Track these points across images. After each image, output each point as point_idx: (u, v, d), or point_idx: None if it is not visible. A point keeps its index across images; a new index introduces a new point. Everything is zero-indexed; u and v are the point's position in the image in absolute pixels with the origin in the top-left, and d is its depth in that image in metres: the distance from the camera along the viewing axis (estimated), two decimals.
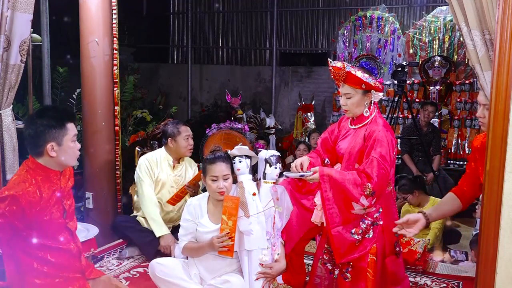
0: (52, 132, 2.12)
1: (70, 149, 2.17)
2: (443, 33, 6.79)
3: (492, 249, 1.98)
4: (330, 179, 2.54)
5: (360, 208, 2.53)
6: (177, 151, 3.62)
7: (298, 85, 8.32)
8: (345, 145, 2.73)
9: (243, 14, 9.11)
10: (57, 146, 2.12)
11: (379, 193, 2.54)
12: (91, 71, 3.81)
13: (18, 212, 2.02)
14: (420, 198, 4.05)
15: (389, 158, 2.54)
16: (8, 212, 1.99)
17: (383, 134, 2.57)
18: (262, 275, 2.59)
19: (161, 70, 9.34)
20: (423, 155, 5.34)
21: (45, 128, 2.11)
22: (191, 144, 3.67)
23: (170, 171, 3.63)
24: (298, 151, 5.47)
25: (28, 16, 3.00)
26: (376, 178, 2.48)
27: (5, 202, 2.00)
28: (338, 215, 2.55)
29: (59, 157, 2.14)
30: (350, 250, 2.57)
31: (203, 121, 7.59)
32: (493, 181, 1.97)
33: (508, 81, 1.92)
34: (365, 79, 2.60)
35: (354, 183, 2.50)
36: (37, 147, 2.13)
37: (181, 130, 3.64)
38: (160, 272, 2.67)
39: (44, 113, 2.19)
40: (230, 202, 2.55)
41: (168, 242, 3.41)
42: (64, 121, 2.15)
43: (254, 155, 2.83)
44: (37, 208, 2.08)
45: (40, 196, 2.09)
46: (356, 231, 2.56)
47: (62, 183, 2.23)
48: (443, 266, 3.57)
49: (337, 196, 2.54)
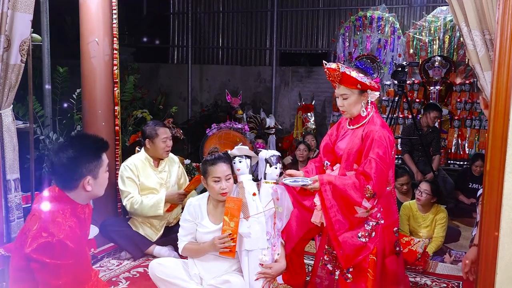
0: (89, 165, 1.93)
1: (104, 180, 2.02)
2: (443, 33, 6.79)
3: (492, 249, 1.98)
4: (331, 186, 2.53)
5: (364, 211, 2.52)
6: (154, 152, 3.59)
7: (298, 85, 8.32)
8: (344, 146, 2.73)
9: (243, 14, 9.11)
10: (92, 180, 1.95)
11: (380, 194, 2.54)
12: (91, 71, 3.81)
13: (69, 255, 1.83)
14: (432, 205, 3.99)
15: (388, 158, 2.54)
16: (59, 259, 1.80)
17: (381, 134, 2.56)
18: (262, 275, 2.59)
19: (161, 70, 9.34)
20: (423, 155, 5.34)
21: (81, 162, 1.91)
22: (169, 146, 3.61)
23: (153, 172, 3.61)
24: (298, 151, 5.46)
25: (28, 16, 3.00)
26: (375, 179, 2.48)
27: (54, 249, 1.80)
28: (343, 222, 2.55)
29: (94, 190, 1.97)
30: (358, 253, 2.57)
31: (203, 121, 7.59)
32: (493, 181, 1.97)
33: (508, 81, 1.92)
34: (360, 79, 2.59)
35: (354, 187, 2.49)
36: (71, 181, 1.92)
37: (159, 132, 3.56)
38: (160, 272, 2.66)
39: (78, 143, 1.99)
40: (232, 203, 2.54)
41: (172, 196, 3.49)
42: (100, 152, 1.99)
43: (254, 155, 2.83)
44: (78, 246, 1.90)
45: (77, 233, 1.92)
46: (363, 234, 2.57)
47: (85, 215, 2.06)
48: (443, 266, 3.57)
49: (340, 202, 2.54)
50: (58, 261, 1.80)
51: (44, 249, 1.79)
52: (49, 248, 1.79)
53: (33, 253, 1.79)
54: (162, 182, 3.60)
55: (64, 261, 1.82)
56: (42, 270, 1.81)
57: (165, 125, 3.75)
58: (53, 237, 1.80)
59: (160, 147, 3.55)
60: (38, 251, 1.79)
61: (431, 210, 3.92)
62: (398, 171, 4.37)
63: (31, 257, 1.80)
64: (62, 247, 1.81)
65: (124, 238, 3.52)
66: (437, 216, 3.89)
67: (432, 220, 3.90)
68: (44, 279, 1.83)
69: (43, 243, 1.79)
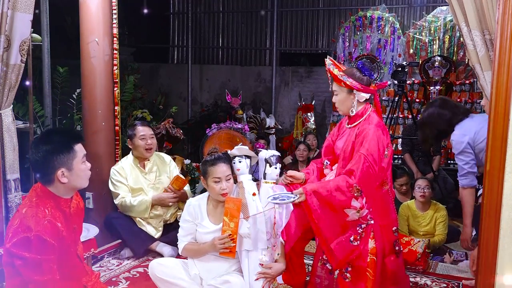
0: (60, 157, 1.98)
1: (81, 171, 2.05)
2: (443, 33, 6.79)
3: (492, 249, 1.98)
4: (316, 195, 2.49)
5: (354, 212, 2.50)
6: (137, 152, 3.64)
7: (298, 85, 8.32)
8: (341, 145, 2.75)
9: (243, 14, 9.11)
10: (67, 171, 1.99)
11: (367, 190, 2.50)
12: (91, 71, 3.81)
13: (48, 250, 1.88)
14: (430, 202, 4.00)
15: (377, 154, 2.52)
16: (39, 253, 1.84)
17: (372, 131, 2.56)
18: (262, 275, 2.59)
19: (161, 70, 9.34)
20: (423, 155, 5.34)
21: (52, 155, 1.97)
22: (149, 143, 3.63)
23: (140, 173, 3.64)
24: (298, 151, 5.46)
25: (28, 16, 2.99)
26: (360, 174, 2.46)
27: (31, 244, 1.84)
28: (334, 229, 2.51)
29: (71, 182, 2.01)
30: (349, 255, 2.56)
31: (203, 121, 7.59)
32: (493, 181, 1.98)
33: (508, 81, 1.93)
34: (340, 77, 2.62)
35: (338, 188, 2.46)
36: (46, 175, 1.98)
37: (136, 131, 3.62)
38: (160, 272, 2.66)
39: (48, 138, 2.04)
40: (232, 203, 2.54)
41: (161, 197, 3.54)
42: (71, 144, 2.02)
43: (254, 155, 2.83)
44: (60, 241, 1.94)
45: (58, 228, 1.96)
46: (355, 238, 2.55)
47: (71, 210, 2.11)
48: (443, 266, 3.57)
49: (329, 209, 2.50)
50: (37, 255, 1.85)
51: (23, 244, 1.84)
52: (27, 242, 1.84)
53: (13, 248, 1.85)
54: (150, 183, 3.62)
55: (43, 256, 1.87)
56: (25, 266, 1.86)
57: (146, 124, 3.78)
58: (30, 232, 1.85)
59: (140, 145, 3.60)
60: (16, 245, 1.84)
61: (430, 207, 3.94)
62: (398, 172, 4.38)
63: (12, 252, 1.86)
64: (40, 242, 1.85)
65: (129, 231, 3.53)
66: (437, 214, 3.89)
67: (431, 217, 3.91)
68: (28, 276, 1.87)
69: (21, 238, 1.84)
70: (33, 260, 1.85)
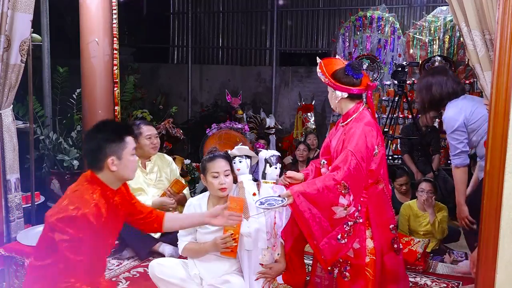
0: (112, 146, 2.10)
1: (129, 162, 2.15)
2: (443, 33, 6.79)
3: (492, 249, 1.99)
4: (304, 195, 2.46)
5: (341, 209, 2.46)
6: (141, 151, 3.62)
7: (298, 85, 8.32)
8: (334, 143, 2.74)
9: (243, 14, 9.11)
10: (117, 160, 2.10)
11: (354, 187, 2.47)
12: (91, 71, 3.81)
13: (90, 232, 1.97)
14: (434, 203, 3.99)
15: (365, 151, 2.49)
16: (81, 233, 1.94)
17: (361, 128, 2.55)
18: (262, 275, 2.59)
19: (161, 70, 9.34)
20: (422, 155, 5.34)
21: (105, 142, 2.09)
22: (155, 143, 3.67)
23: (141, 173, 3.64)
24: (298, 151, 5.46)
25: (28, 16, 3.00)
26: (346, 169, 2.44)
27: (76, 222, 1.94)
28: (322, 228, 2.48)
29: (119, 171, 2.12)
30: (337, 254, 2.52)
31: (203, 121, 7.59)
32: (493, 181, 1.98)
33: (508, 81, 1.93)
34: (319, 74, 2.64)
35: (325, 186, 2.44)
36: (97, 161, 2.10)
37: (142, 130, 3.64)
38: (160, 272, 2.66)
39: (103, 127, 2.18)
40: (235, 203, 2.53)
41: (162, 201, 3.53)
42: (123, 135, 2.14)
43: (254, 155, 2.83)
44: (100, 226, 2.04)
45: (102, 214, 2.05)
46: (342, 236, 2.50)
47: (115, 202, 2.19)
48: (443, 266, 3.57)
49: (316, 208, 2.46)
50: (79, 234, 1.94)
51: (68, 220, 1.94)
52: (73, 220, 1.94)
53: (57, 222, 1.95)
54: (150, 182, 3.63)
55: (85, 235, 1.95)
56: (65, 242, 1.94)
57: (150, 124, 3.81)
58: (78, 210, 1.95)
59: (146, 144, 3.62)
60: (62, 221, 1.94)
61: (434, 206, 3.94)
62: (397, 172, 4.37)
63: (55, 226, 1.96)
64: (85, 222, 1.95)
65: (131, 235, 3.52)
66: (438, 214, 3.89)
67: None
68: (64, 253, 1.95)
69: (68, 215, 1.94)
70: (74, 237, 1.93)
